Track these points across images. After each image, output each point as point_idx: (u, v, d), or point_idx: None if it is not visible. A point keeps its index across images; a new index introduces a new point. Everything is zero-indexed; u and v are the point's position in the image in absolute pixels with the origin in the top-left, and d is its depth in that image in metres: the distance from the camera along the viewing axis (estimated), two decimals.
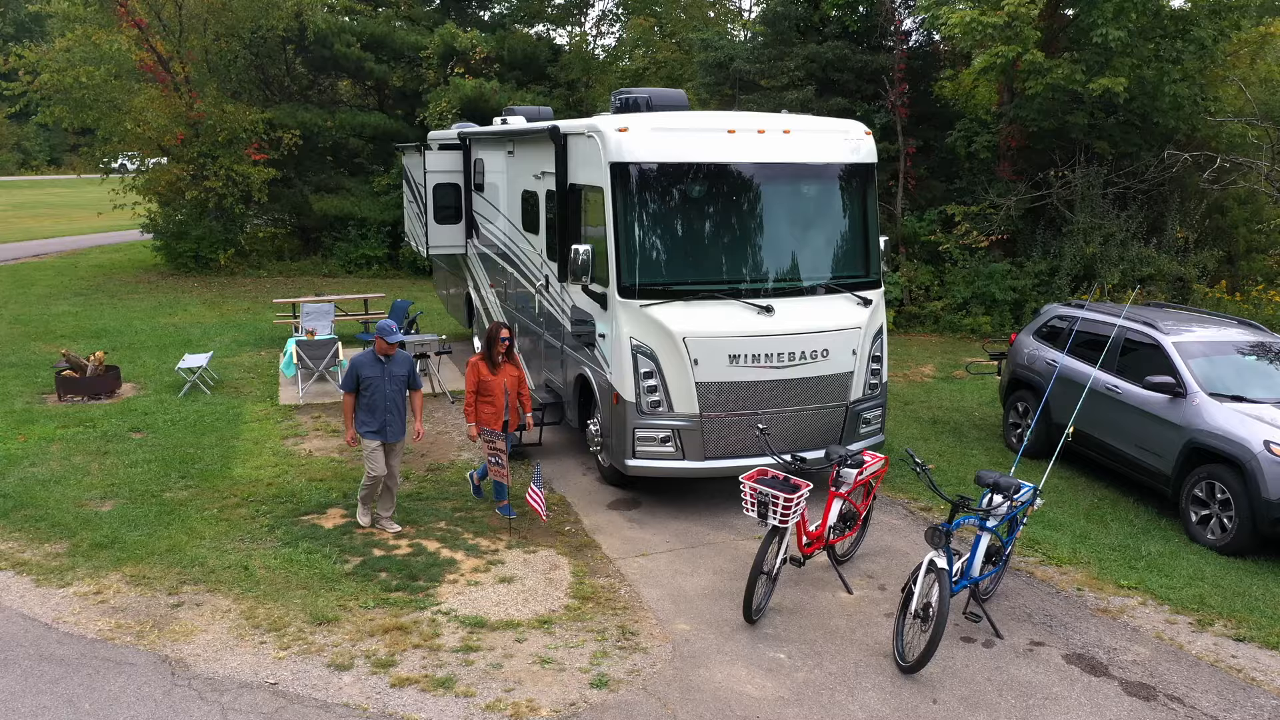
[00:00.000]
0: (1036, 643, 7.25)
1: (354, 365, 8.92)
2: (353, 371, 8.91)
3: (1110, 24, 16.67)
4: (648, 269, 9.33)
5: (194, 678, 6.73)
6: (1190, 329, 10.22)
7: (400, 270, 26.80)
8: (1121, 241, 18.55)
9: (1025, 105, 18.46)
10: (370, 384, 8.86)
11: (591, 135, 9.62)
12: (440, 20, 28.45)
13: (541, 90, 26.96)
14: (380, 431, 8.95)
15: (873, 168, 10.13)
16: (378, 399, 8.89)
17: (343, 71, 28.28)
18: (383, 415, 8.92)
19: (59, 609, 7.72)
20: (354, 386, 8.92)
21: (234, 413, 13.07)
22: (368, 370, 8.89)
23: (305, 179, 27.29)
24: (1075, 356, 10.94)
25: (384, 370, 8.91)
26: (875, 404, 10.03)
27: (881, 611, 7.71)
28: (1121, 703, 6.47)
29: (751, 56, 20.36)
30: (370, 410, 8.91)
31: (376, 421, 8.93)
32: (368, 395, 8.88)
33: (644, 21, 27.05)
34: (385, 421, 8.95)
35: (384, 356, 8.89)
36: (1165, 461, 9.54)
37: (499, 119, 14.33)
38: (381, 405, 8.91)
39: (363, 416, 8.94)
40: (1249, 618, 7.62)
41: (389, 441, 9.05)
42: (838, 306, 9.65)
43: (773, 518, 7.25)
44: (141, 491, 10.15)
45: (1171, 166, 18.05)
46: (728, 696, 6.52)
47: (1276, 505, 8.42)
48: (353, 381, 8.92)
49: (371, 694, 6.54)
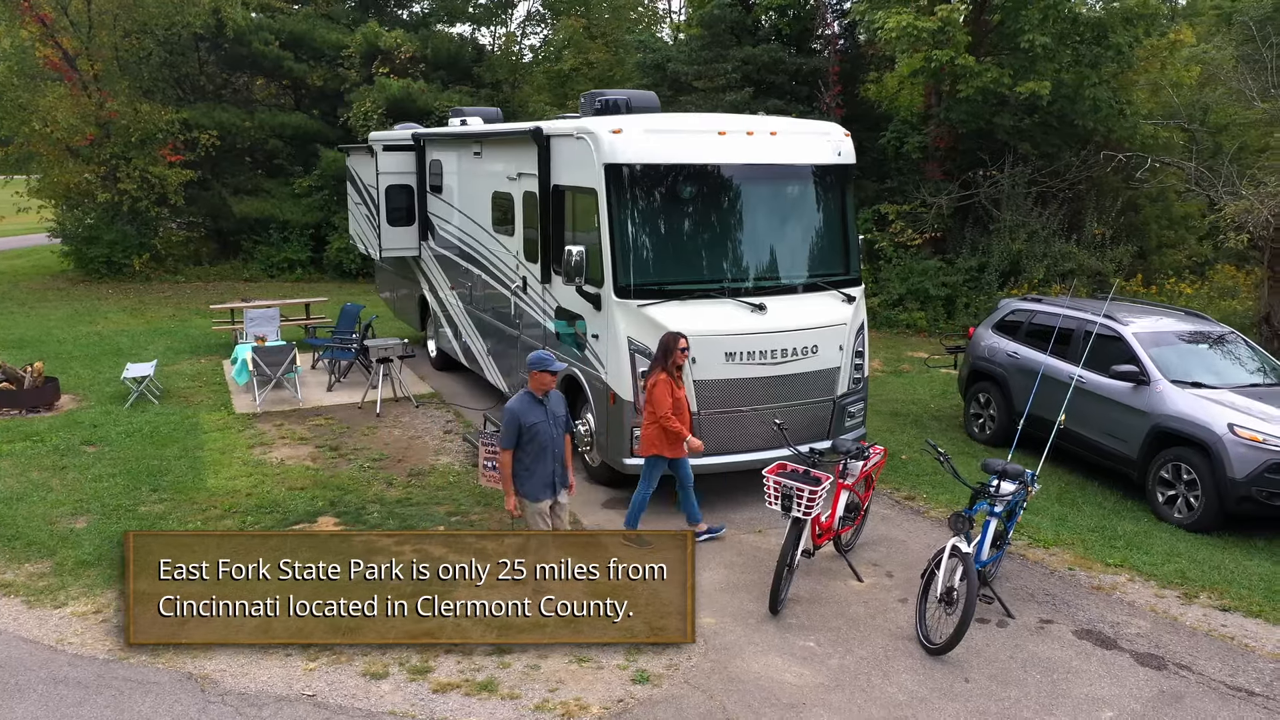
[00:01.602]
0: (1046, 620, 7.62)
1: (513, 414, 7.37)
2: (513, 422, 7.36)
3: (1036, 30, 17.46)
4: (643, 269, 9.42)
5: (226, 694, 6.57)
6: (1146, 320, 10.82)
7: (324, 274, 26.23)
8: (1045, 239, 19.42)
9: (955, 107, 19.16)
10: (535, 432, 7.36)
11: (582, 137, 9.66)
12: (360, 19, 27.93)
13: (467, 91, 26.72)
14: (550, 488, 7.54)
15: (852, 168, 10.44)
16: (546, 449, 7.43)
17: (259, 70, 27.49)
18: (551, 467, 7.49)
19: (60, 630, 7.42)
20: (516, 440, 7.39)
21: (190, 423, 12.65)
22: (531, 416, 7.37)
23: (223, 181, 26.45)
24: (1036, 348, 11.45)
25: (547, 412, 7.47)
26: (859, 398, 10.33)
27: (894, 598, 7.97)
28: (1137, 673, 6.87)
29: (688, 59, 20.61)
30: (535, 464, 7.43)
31: (544, 477, 7.48)
32: (532, 447, 7.39)
33: (575, 23, 27.08)
34: (555, 473, 7.55)
35: (542, 394, 7.49)
36: (1131, 446, 10.08)
37: (457, 120, 14.22)
38: (550, 455, 7.45)
39: (524, 473, 7.44)
40: (1229, 589, 8.13)
41: (558, 499, 7.66)
42: (824, 304, 9.92)
43: (797, 510, 7.43)
44: (114, 507, 9.78)
45: (1092, 166, 18.98)
46: (770, 685, 6.67)
47: (1242, 484, 9.00)
48: (514, 435, 7.37)
49: (415, 701, 6.49)
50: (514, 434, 7.37)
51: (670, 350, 8.44)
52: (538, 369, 7.43)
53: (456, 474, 10.80)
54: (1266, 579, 8.34)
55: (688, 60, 20.49)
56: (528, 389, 7.50)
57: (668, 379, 8.41)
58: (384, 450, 11.65)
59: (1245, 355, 10.70)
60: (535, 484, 7.47)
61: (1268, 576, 8.40)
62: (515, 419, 7.37)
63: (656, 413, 8.41)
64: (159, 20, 23.94)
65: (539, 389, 7.46)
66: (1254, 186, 14.44)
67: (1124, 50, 18.16)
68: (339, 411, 13.29)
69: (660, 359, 8.52)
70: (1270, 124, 21.32)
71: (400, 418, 13.02)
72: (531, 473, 7.43)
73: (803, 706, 6.43)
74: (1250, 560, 8.76)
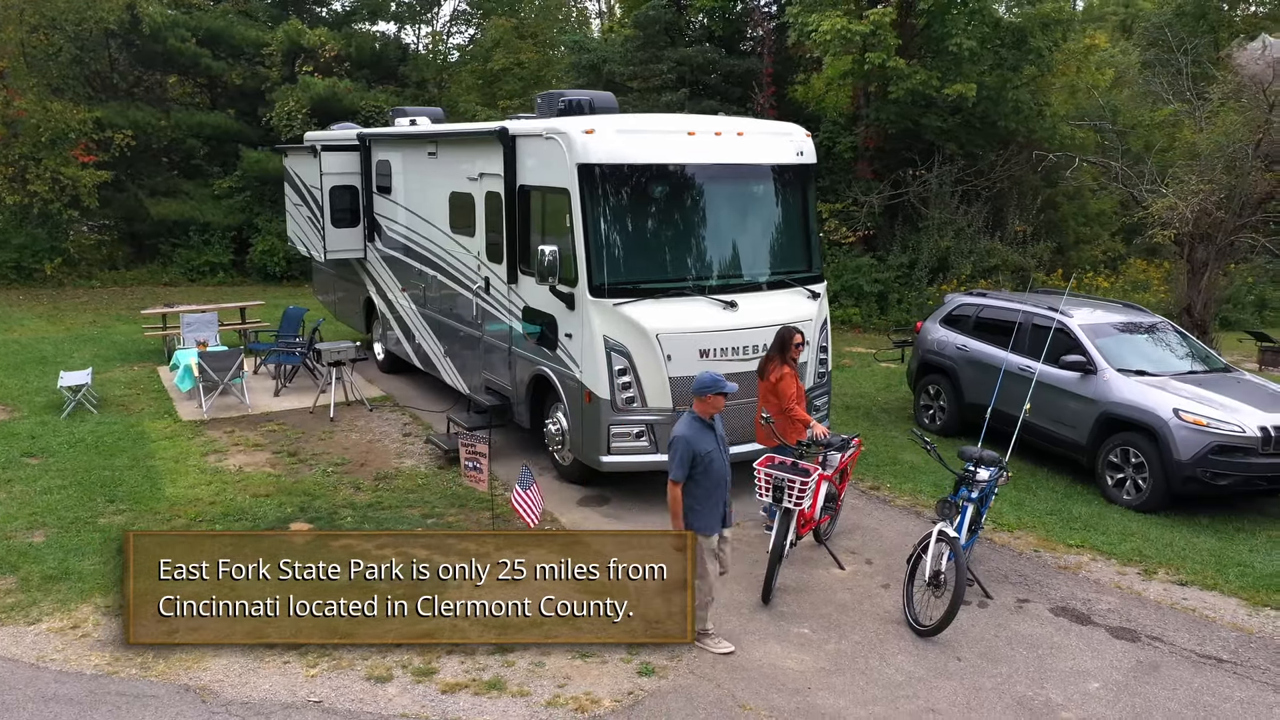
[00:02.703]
0: (1023, 600, 7.96)
1: (686, 442, 6.69)
2: (685, 450, 6.68)
3: (963, 34, 18.09)
4: (617, 268, 9.51)
5: (229, 704, 6.46)
6: (1089, 312, 11.34)
7: (248, 277, 25.62)
8: (971, 236, 20.12)
9: (885, 108, 19.70)
10: (709, 461, 6.75)
11: (552, 137, 9.70)
12: (279, 16, 27.33)
13: (393, 90, 26.39)
14: (722, 520, 7.01)
15: (813, 168, 10.70)
16: (720, 480, 6.86)
17: (174, 68, 26.67)
18: (722, 496, 6.94)
19: (38, 647, 7.17)
20: (689, 471, 6.74)
21: (135, 431, 12.27)
22: (704, 443, 6.73)
23: (139, 182, 25.58)
24: (984, 341, 11.90)
25: (717, 438, 6.88)
26: (823, 391, 10.60)
27: (877, 583, 8.23)
28: (1114, 645, 7.24)
29: (623, 59, 20.74)
30: (707, 497, 6.85)
31: (716, 508, 6.91)
32: (705, 479, 6.80)
33: (504, 22, 26.95)
34: (726, 503, 7.03)
35: (710, 418, 6.90)
36: (1080, 433, 10.56)
37: (405, 120, 14.09)
38: (721, 484, 6.89)
39: (696, 507, 6.83)
40: (1183, 565, 8.61)
41: (723, 532, 7.11)
42: (791, 300, 10.15)
43: (788, 500, 7.63)
44: (71, 519, 9.45)
45: (1014, 166, 19.74)
46: (773, 672, 6.84)
47: (1188, 465, 9.52)
48: (688, 465, 6.69)
49: (425, 703, 6.48)
50: (687, 464, 6.69)
51: (787, 344, 8.74)
52: (711, 391, 6.75)
53: (425, 476, 10.73)
54: (1215, 554, 8.85)
55: (623, 61, 20.62)
56: (693, 413, 6.83)
57: (790, 370, 8.73)
58: (345, 455, 11.49)
59: (1178, 343, 11.30)
60: (708, 517, 6.86)
61: (1215, 551, 8.92)
62: (689, 447, 6.69)
63: (784, 404, 8.64)
64: (69, 15, 23.03)
65: (708, 413, 6.83)
66: (1176, 184, 15.22)
67: (1044, 54, 18.92)
68: (290, 417, 13.04)
69: (778, 352, 8.78)
70: (1174, 125, 22.49)
71: (355, 421, 12.84)
72: (704, 505, 6.82)
73: (808, 690, 6.62)
74: (1198, 537, 9.28)
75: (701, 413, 6.83)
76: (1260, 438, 9.38)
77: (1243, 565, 8.58)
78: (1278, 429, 9.44)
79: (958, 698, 6.55)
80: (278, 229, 25.38)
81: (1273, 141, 14.17)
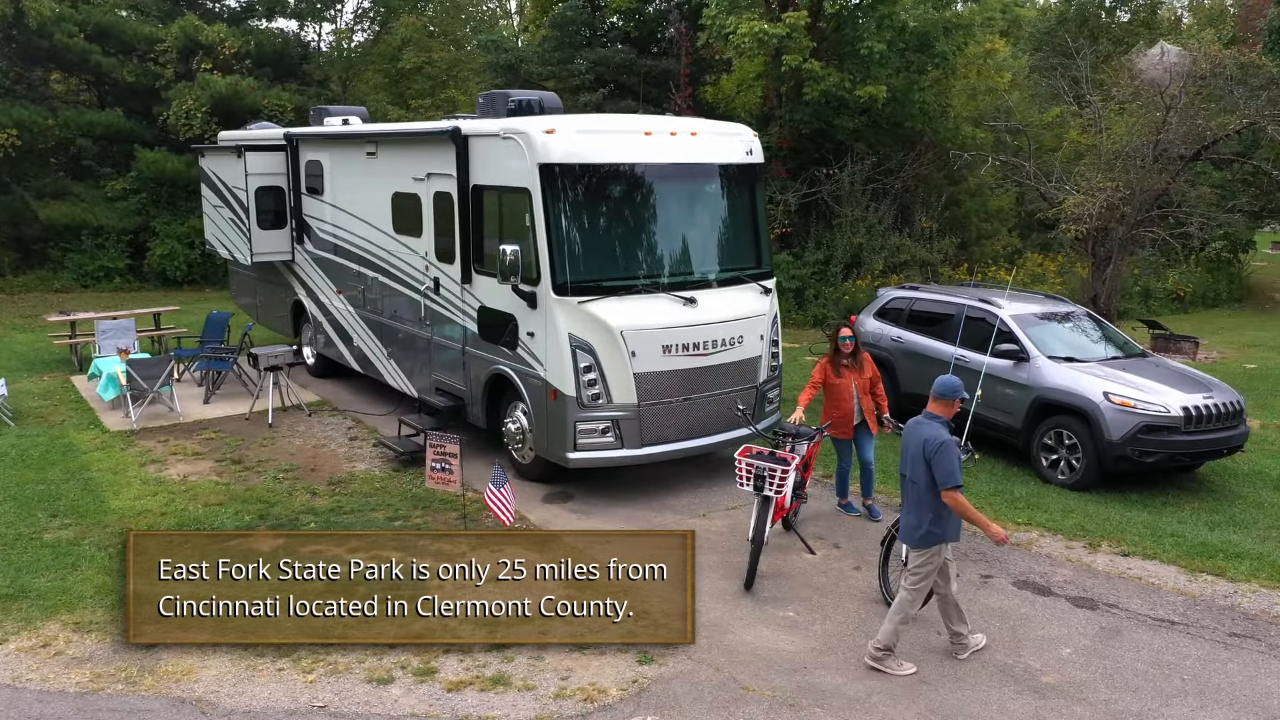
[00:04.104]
0: (985, 575, 8.40)
1: (953, 445, 6.62)
2: (956, 455, 6.61)
3: (874, 38, 18.75)
4: (579, 267, 9.60)
5: (230, 713, 6.34)
6: (1016, 303, 11.95)
7: (146, 282, 24.66)
8: (881, 233, 20.85)
9: (799, 109, 20.25)
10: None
11: (510, 137, 9.73)
12: (172, 11, 26.34)
13: (295, 88, 25.73)
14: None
15: (761, 167, 10.99)
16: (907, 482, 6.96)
17: (60, 64, 25.44)
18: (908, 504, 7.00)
19: (10, 667, 6.89)
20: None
21: (62, 444, 11.77)
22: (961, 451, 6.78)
23: (25, 184, 24.33)
24: (919, 333, 12.41)
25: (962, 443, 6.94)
26: (774, 384, 10.92)
27: (849, 566, 8.56)
28: (1077, 614, 7.72)
29: (540, 59, 20.76)
30: None
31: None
32: None
33: (415, 21, 26.55)
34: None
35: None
36: (1015, 417, 11.12)
37: (337, 120, 13.86)
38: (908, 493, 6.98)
39: (946, 512, 6.67)
40: (1124, 537, 9.20)
41: None
42: (746, 296, 10.42)
43: (769, 489, 7.87)
44: (14, 536, 9.05)
45: (921, 165, 20.55)
46: (767, 654, 7.07)
47: (1118, 444, 10.15)
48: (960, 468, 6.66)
49: (433, 702, 6.48)
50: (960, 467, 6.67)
51: (834, 340, 9.44)
52: (957, 395, 6.78)
53: (381, 479, 10.62)
54: (1149, 526, 9.48)
55: (540, 61, 20.64)
56: (938, 417, 6.76)
57: (827, 364, 9.38)
58: (292, 460, 11.27)
59: (1096, 331, 12.01)
60: (957, 521, 6.80)
61: (1149, 524, 9.54)
62: (957, 453, 6.64)
63: None
64: None
65: (950, 415, 6.82)
66: (1082, 181, 16.11)
67: (948, 57, 19.75)
68: (225, 424, 12.70)
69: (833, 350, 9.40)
70: (1060, 125, 23.75)
71: (295, 427, 12.59)
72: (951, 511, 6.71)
73: (805, 669, 6.87)
74: (1130, 511, 9.91)
75: (945, 414, 6.78)
76: (1182, 417, 10.07)
77: (1175, 535, 9.21)
78: (1198, 409, 10.16)
79: (945, 669, 6.90)
80: (177, 232, 24.56)
81: (1169, 140, 15.17)
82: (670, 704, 6.45)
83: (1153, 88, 15.30)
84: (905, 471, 6.89)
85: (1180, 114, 15.48)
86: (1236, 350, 18.09)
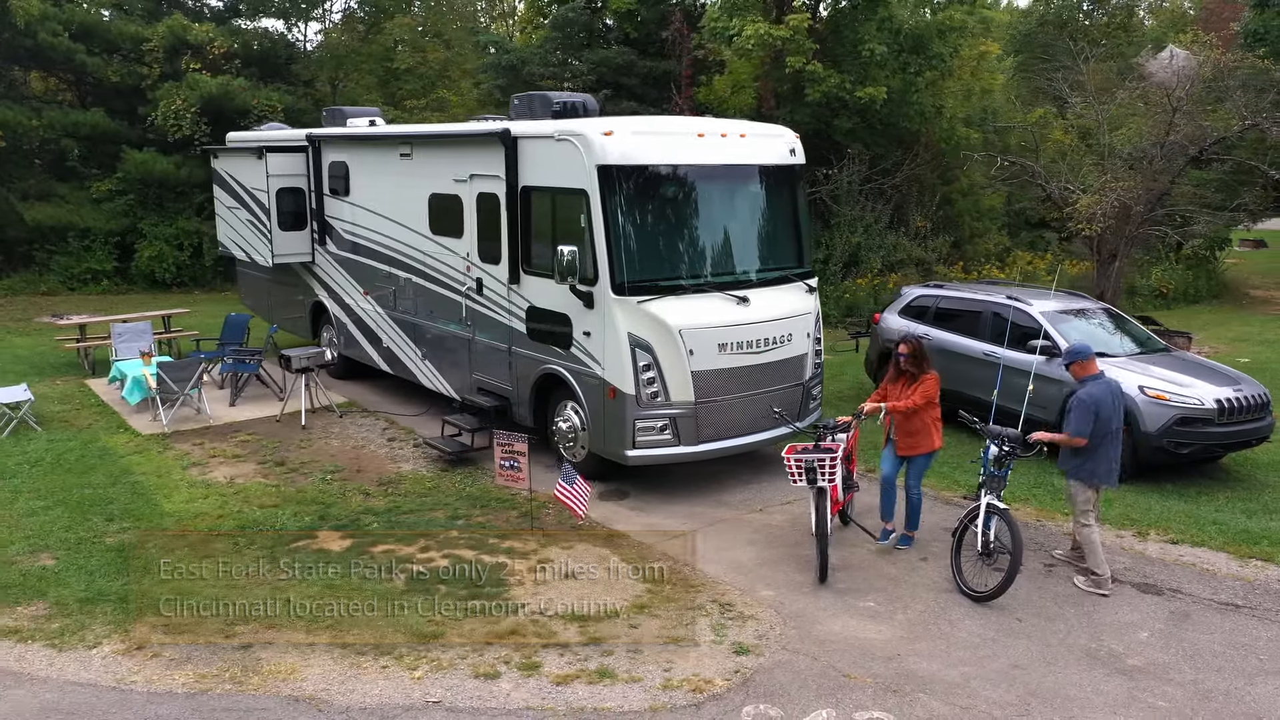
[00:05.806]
0: (1048, 565, 8.66)
1: (1095, 402, 7.84)
2: (1094, 409, 7.86)
3: (874, 40, 19.06)
4: (637, 266, 9.71)
5: (347, 710, 6.38)
6: (1043, 300, 12.26)
7: (134, 284, 24.34)
8: (879, 232, 21.18)
9: (800, 110, 20.50)
10: (1108, 420, 7.93)
11: (566, 139, 9.82)
12: (156, 11, 26.00)
13: (284, 88, 25.54)
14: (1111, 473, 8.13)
15: (803, 167, 11.18)
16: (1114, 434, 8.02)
17: (44, 64, 24.99)
18: (1115, 451, 8.07)
19: (112, 670, 6.88)
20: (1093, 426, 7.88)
21: (96, 448, 11.67)
22: (1106, 407, 7.90)
23: (9, 186, 23.89)
24: (945, 329, 12.68)
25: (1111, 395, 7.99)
26: (818, 381, 11.11)
27: (915, 557, 8.77)
28: (1144, 599, 7.99)
29: (541, 60, 20.81)
30: (1107, 451, 8.00)
31: (1112, 463, 8.07)
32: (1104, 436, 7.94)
33: (409, 21, 26.41)
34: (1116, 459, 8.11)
35: None
36: (1049, 412, 11.38)
37: (363, 121, 13.84)
38: (1115, 440, 8.05)
39: (1091, 465, 8.02)
40: (1169, 526, 9.51)
41: None
42: (793, 295, 10.61)
43: (822, 479, 8.05)
44: (76, 540, 9.00)
45: (916, 165, 20.91)
46: (859, 643, 7.25)
47: (1155, 436, 10.48)
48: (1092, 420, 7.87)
49: (545, 695, 6.57)
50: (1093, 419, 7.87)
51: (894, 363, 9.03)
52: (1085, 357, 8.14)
53: (431, 479, 10.66)
54: (1190, 515, 9.80)
55: (542, 61, 20.69)
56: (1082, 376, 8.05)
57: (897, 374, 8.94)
58: (335, 462, 11.27)
59: (1118, 326, 12.36)
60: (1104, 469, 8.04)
61: (1189, 513, 9.87)
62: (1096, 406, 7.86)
63: None
64: None
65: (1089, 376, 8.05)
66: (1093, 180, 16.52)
67: (945, 59, 20.12)
68: (257, 426, 12.65)
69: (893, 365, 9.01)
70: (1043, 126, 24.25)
71: (329, 428, 12.57)
72: (1103, 458, 8.01)
73: (899, 657, 7.06)
74: (1169, 501, 10.24)
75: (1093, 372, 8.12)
76: (1216, 409, 10.43)
77: (1217, 523, 9.54)
78: (1230, 401, 10.52)
79: (1034, 654, 7.13)
80: (165, 234, 24.26)
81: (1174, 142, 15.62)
82: (778, 692, 6.60)
83: (1161, 90, 15.74)
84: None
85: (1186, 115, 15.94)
86: (1227, 345, 18.62)
